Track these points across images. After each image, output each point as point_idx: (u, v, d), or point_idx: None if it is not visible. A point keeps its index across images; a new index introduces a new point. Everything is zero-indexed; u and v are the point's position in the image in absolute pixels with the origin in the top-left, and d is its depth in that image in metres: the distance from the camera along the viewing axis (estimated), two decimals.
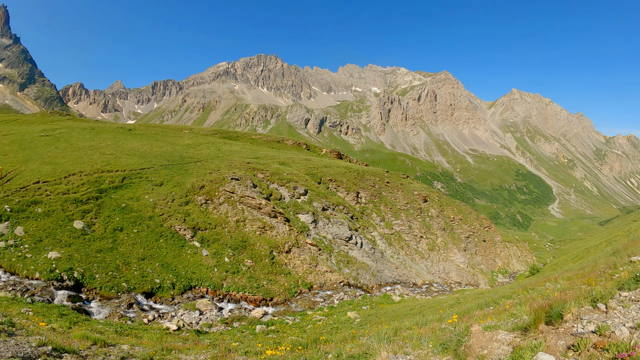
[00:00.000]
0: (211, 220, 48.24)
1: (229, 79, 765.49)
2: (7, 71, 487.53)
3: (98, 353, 13.84)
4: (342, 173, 75.66)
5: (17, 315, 19.82)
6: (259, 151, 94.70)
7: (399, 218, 70.01)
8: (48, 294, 28.82)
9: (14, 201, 41.47)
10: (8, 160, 58.36)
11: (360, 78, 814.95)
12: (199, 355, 15.68)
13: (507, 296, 22.58)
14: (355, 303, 40.06)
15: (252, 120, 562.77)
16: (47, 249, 35.05)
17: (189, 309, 32.66)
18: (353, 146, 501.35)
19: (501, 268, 78.17)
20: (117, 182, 51.89)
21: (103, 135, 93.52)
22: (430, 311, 26.17)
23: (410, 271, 58.02)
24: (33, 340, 13.30)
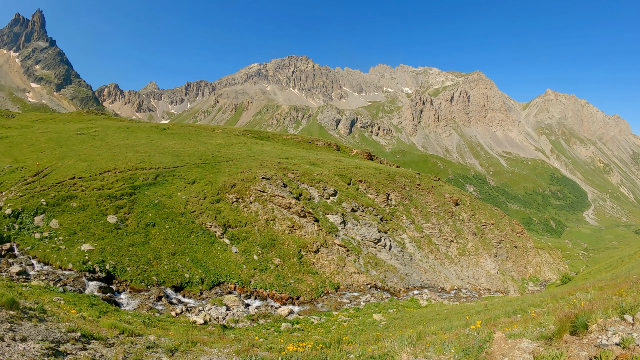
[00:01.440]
0: (241, 218, 48.82)
1: (260, 80, 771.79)
2: (44, 72, 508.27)
3: (125, 341, 14.20)
4: (372, 174, 75.30)
5: (49, 303, 20.52)
6: (290, 151, 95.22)
7: (430, 221, 69.22)
8: (80, 284, 29.90)
9: (49, 195, 43.20)
10: (45, 156, 60.53)
11: (392, 78, 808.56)
12: (222, 348, 15.85)
13: (535, 305, 22.18)
14: (382, 306, 39.80)
15: (283, 120, 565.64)
16: (81, 241, 36.33)
17: (216, 304, 33.10)
18: (384, 147, 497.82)
19: (532, 276, 76.35)
20: (150, 179, 53.23)
21: (137, 134, 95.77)
22: (456, 317, 25.88)
23: (439, 276, 57.29)
24: (63, 327, 13.78)
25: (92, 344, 12.76)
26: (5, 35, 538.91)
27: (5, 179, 50.18)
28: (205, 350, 15.28)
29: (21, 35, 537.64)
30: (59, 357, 10.10)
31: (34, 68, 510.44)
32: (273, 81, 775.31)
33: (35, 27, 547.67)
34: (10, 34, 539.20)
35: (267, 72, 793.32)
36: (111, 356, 11.63)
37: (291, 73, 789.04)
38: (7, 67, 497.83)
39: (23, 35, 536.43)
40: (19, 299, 15.78)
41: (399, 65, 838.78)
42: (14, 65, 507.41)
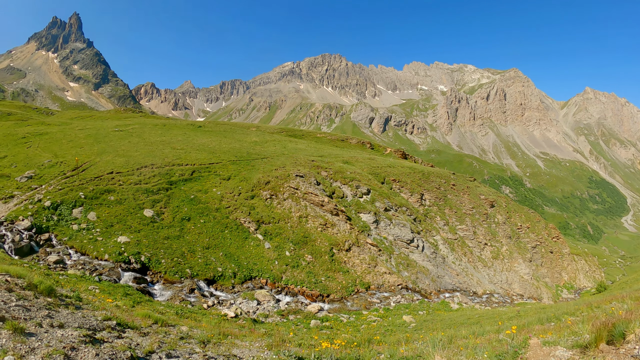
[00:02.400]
0: (275, 215, 49.16)
1: (294, 79, 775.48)
2: (82, 72, 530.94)
3: (158, 331, 14.42)
4: (406, 173, 74.56)
5: (85, 292, 21.16)
6: (323, 149, 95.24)
7: (464, 223, 68.08)
8: (115, 275, 30.90)
9: (88, 189, 44.86)
10: (84, 152, 62.37)
11: (426, 76, 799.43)
12: (254, 342, 15.91)
13: (570, 313, 21.58)
14: (412, 307, 39.35)
15: (317, 119, 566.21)
16: (117, 233, 37.59)
17: (247, 298, 33.37)
18: (418, 146, 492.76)
19: (567, 283, 74.10)
20: (186, 175, 54.28)
21: (174, 131, 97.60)
22: (488, 322, 25.42)
23: (471, 279, 56.28)
24: (99, 315, 14.08)
25: (127, 332, 13.00)
26: (43, 37, 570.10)
27: (45, 172, 52.10)
28: (236, 343, 15.36)
29: (59, 37, 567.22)
30: (96, 344, 10.31)
31: (72, 68, 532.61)
32: (306, 79, 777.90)
33: (72, 29, 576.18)
34: (48, 36, 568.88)
35: (301, 71, 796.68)
36: (146, 345, 11.80)
37: (324, 71, 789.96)
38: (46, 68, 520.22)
39: (61, 37, 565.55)
40: (56, 286, 16.22)
41: (434, 62, 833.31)
42: (53, 65, 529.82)
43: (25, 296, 13.61)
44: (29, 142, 74.72)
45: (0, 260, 21.51)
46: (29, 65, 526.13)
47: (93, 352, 9.60)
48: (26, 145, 72.17)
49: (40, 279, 15.88)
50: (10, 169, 55.33)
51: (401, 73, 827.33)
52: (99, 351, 9.71)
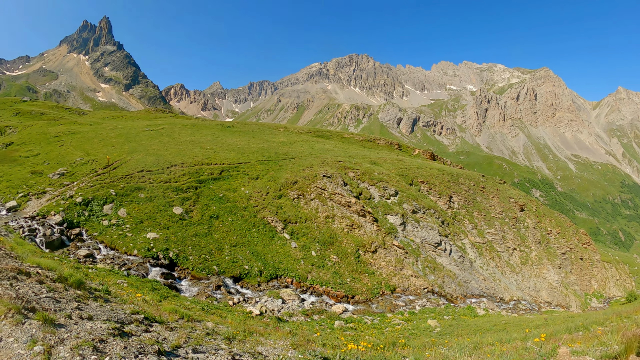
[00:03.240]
0: (302, 215, 49.21)
1: (321, 79, 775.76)
2: (112, 74, 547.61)
3: (185, 326, 14.51)
4: (434, 175, 73.66)
5: (113, 285, 21.52)
6: (351, 150, 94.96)
7: (493, 227, 66.81)
8: (143, 270, 31.58)
9: (119, 186, 46.12)
10: (115, 151, 63.86)
11: (455, 76, 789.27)
12: (278, 340, 15.88)
13: (599, 322, 20.92)
14: (437, 312, 38.78)
15: (344, 119, 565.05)
16: (147, 229, 38.42)
17: (272, 296, 33.52)
18: (447, 147, 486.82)
19: (596, 291, 71.74)
20: (215, 174, 54.96)
21: (203, 131, 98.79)
22: (514, 329, 24.87)
23: (498, 285, 55.16)
24: (127, 308, 14.26)
25: (154, 326, 13.09)
26: (74, 40, 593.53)
27: (77, 170, 53.58)
28: (261, 341, 15.37)
29: (90, 40, 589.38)
30: (124, 337, 10.38)
31: (103, 70, 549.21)
32: (334, 80, 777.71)
33: (102, 32, 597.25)
34: (79, 39, 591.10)
35: (328, 71, 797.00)
36: (173, 339, 11.87)
37: (352, 72, 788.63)
38: (77, 69, 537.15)
39: (91, 40, 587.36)
40: (85, 279, 16.46)
41: (462, 62, 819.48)
42: (84, 67, 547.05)
43: (55, 288, 13.81)
44: (61, 140, 76.75)
45: (31, 253, 21.92)
46: (60, 67, 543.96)
47: (121, 344, 9.65)
48: (59, 143, 74.14)
49: (70, 272, 16.12)
50: (43, 166, 56.93)
51: (429, 73, 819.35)
52: (127, 344, 9.76)
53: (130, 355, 9.21)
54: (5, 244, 21.64)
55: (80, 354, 8.68)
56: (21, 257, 18.56)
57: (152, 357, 9.39)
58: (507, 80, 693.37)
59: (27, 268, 15.52)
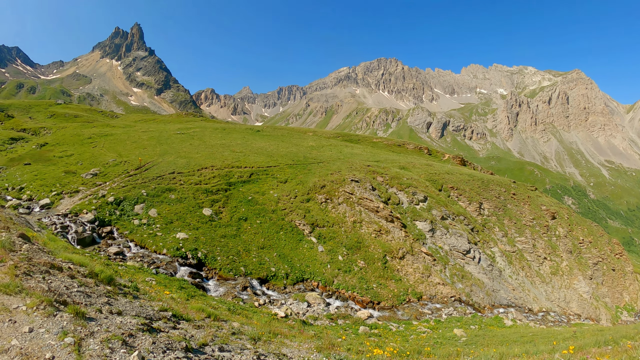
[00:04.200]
0: (329, 219, 49.11)
1: (350, 84, 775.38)
2: (144, 78, 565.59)
3: (211, 325, 14.64)
4: (465, 181, 72.49)
5: (142, 283, 21.97)
6: (379, 154, 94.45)
7: (523, 235, 65.29)
8: (172, 268, 32.17)
9: (150, 187, 47.32)
10: (147, 153, 65.30)
11: (485, 79, 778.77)
12: (303, 343, 15.86)
13: (629, 337, 20.17)
14: (464, 321, 38.07)
15: (373, 123, 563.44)
16: (176, 230, 39.10)
17: (298, 299, 33.49)
18: (477, 152, 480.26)
19: (627, 304, 69.00)
20: (245, 177, 55.57)
21: (233, 135, 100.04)
22: (542, 341, 24.25)
23: (527, 295, 53.77)
24: (155, 305, 14.48)
25: (181, 324, 13.23)
26: (107, 46, 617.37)
27: (110, 170, 55.09)
28: (286, 343, 15.40)
29: (122, 46, 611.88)
30: (153, 333, 10.48)
31: (135, 75, 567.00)
32: (362, 84, 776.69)
33: (134, 38, 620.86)
34: (111, 45, 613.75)
35: (357, 76, 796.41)
36: (200, 337, 11.97)
37: (380, 76, 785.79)
38: (110, 74, 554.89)
39: (123, 46, 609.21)
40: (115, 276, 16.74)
41: (492, 64, 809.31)
42: (117, 72, 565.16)
43: (86, 283, 14.04)
44: (94, 142, 78.76)
45: (63, 249, 22.42)
46: (94, 72, 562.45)
47: (150, 340, 9.72)
48: (92, 145, 76.06)
49: (101, 268, 16.40)
50: (77, 166, 58.50)
51: (459, 76, 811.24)
52: (155, 339, 9.83)
53: (158, 350, 9.28)
54: (38, 239, 22.18)
55: (110, 347, 8.79)
56: (53, 253, 18.96)
57: (179, 354, 9.45)
58: (538, 83, 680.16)
59: (59, 263, 15.84)
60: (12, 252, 16.09)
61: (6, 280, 12.03)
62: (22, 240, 19.18)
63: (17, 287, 11.52)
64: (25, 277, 12.69)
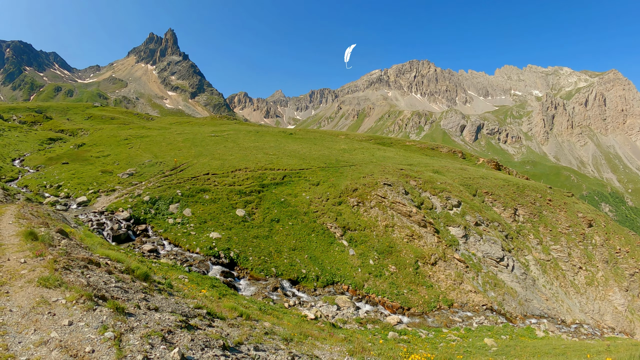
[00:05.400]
0: (361, 222, 48.87)
1: (382, 86, 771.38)
2: (179, 82, 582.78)
3: (244, 324, 14.70)
4: (499, 186, 70.94)
5: (175, 280, 22.34)
6: (412, 158, 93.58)
7: (558, 243, 63.37)
8: (204, 267, 32.70)
9: (185, 187, 48.32)
10: (182, 154, 66.71)
11: (519, 80, 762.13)
12: (334, 346, 15.78)
13: None
14: (495, 330, 37.21)
15: (406, 126, 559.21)
16: (210, 229, 39.74)
17: (328, 302, 33.39)
18: (512, 156, 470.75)
19: None
20: (277, 179, 56.00)
21: (266, 137, 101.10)
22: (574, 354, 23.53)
23: (561, 306, 52.09)
24: (190, 302, 14.63)
25: (216, 322, 13.31)
26: (142, 51, 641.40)
27: (145, 171, 56.55)
28: (317, 345, 15.41)
29: (156, 51, 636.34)
30: (190, 330, 10.53)
31: (170, 79, 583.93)
32: (394, 87, 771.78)
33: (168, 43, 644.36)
34: (146, 50, 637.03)
35: (389, 78, 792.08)
36: (235, 336, 12.04)
37: (412, 78, 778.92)
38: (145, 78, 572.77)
39: (158, 51, 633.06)
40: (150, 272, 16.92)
41: (527, 65, 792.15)
42: (152, 76, 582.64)
43: (123, 279, 14.22)
44: (130, 143, 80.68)
45: (99, 244, 22.96)
46: (129, 76, 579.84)
47: (189, 337, 9.76)
48: (128, 146, 77.89)
49: (137, 265, 16.63)
50: (113, 166, 60.06)
51: (493, 78, 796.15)
52: (193, 337, 9.88)
53: (196, 347, 9.32)
54: (76, 235, 22.68)
55: (150, 342, 8.85)
56: (90, 248, 19.35)
57: (217, 351, 9.47)
58: (574, 85, 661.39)
59: (97, 258, 16.11)
60: (51, 246, 16.45)
61: (46, 273, 12.29)
62: (60, 236, 19.63)
63: (57, 280, 11.73)
64: (65, 272, 12.91)
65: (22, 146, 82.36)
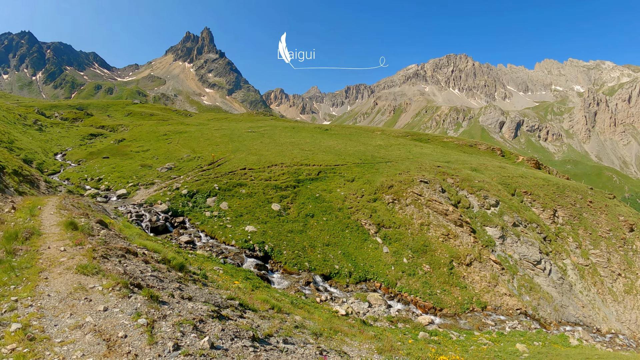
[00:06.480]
0: (396, 220, 48.47)
1: (418, 81, 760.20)
2: (216, 79, 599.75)
3: (275, 317, 14.91)
4: (539, 186, 68.63)
5: (210, 271, 22.79)
6: (450, 155, 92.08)
7: (598, 247, 60.70)
8: (239, 259, 33.31)
9: (222, 182, 49.30)
10: (219, 149, 68.01)
11: (560, 75, 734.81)
12: (363, 343, 15.79)
13: None
14: (528, 336, 36.16)
15: (443, 122, 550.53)
16: (245, 223, 40.45)
17: (359, 299, 33.32)
18: (553, 155, 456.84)
19: None
20: (313, 174, 56.28)
21: (302, 133, 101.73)
22: None
23: (597, 314, 49.87)
24: (223, 293, 14.92)
25: (247, 313, 13.52)
26: (179, 50, 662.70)
27: (184, 165, 57.93)
28: (346, 341, 15.43)
29: (193, 49, 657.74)
30: (222, 320, 10.72)
31: (207, 76, 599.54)
32: (431, 82, 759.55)
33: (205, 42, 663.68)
34: (183, 48, 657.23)
35: (425, 73, 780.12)
36: (266, 328, 12.19)
37: (450, 73, 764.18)
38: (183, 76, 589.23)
39: (194, 49, 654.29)
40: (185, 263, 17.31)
41: (567, 59, 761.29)
42: (189, 74, 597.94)
43: (159, 268, 14.58)
44: (169, 138, 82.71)
45: (137, 235, 23.58)
46: (167, 73, 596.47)
47: (219, 327, 9.93)
48: (167, 141, 79.82)
49: (173, 255, 17.05)
50: (152, 161, 61.72)
51: (532, 72, 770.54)
52: (224, 327, 10.04)
53: (226, 337, 9.47)
54: (115, 225, 23.36)
55: (182, 330, 9.07)
56: (129, 238, 19.89)
57: (246, 342, 9.59)
58: (617, 80, 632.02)
59: (134, 248, 16.56)
60: (91, 236, 17.00)
61: (84, 261, 12.77)
62: (99, 226, 20.25)
63: (95, 268, 12.15)
64: (103, 260, 13.34)
65: (63, 141, 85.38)
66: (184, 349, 8.35)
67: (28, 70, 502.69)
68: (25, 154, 58.28)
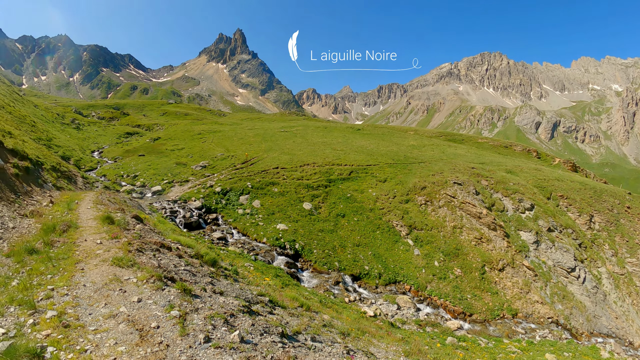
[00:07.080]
0: (428, 222, 48.01)
1: (452, 80, 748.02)
2: (249, 80, 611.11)
3: (304, 315, 15.06)
4: (576, 189, 66.58)
5: (241, 267, 23.28)
6: (485, 156, 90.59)
7: (635, 256, 58.19)
8: (269, 257, 33.53)
9: (255, 180, 49.99)
10: (253, 149, 69.06)
11: (598, 73, 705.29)
12: (390, 345, 15.78)
13: None
14: (558, 346, 35.11)
15: (477, 122, 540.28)
16: (277, 221, 40.84)
17: (388, 300, 33.14)
18: (590, 157, 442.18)
19: None
20: (344, 174, 56.39)
21: (334, 133, 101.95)
22: None
23: (630, 326, 47.72)
24: (254, 289, 15.22)
25: (277, 310, 13.68)
26: (212, 51, 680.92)
27: (218, 164, 59.10)
28: (373, 342, 15.47)
29: (226, 50, 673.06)
30: (252, 315, 10.90)
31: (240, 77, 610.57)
32: (465, 80, 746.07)
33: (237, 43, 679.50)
34: (216, 50, 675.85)
35: (459, 72, 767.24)
36: (294, 325, 12.32)
37: (484, 71, 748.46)
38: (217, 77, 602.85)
39: (227, 50, 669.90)
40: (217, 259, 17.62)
41: (605, 57, 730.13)
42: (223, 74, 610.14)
43: (192, 263, 14.90)
44: (203, 137, 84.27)
45: (171, 230, 24.20)
46: (201, 74, 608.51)
47: (249, 321, 10.08)
48: (201, 140, 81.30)
49: (206, 251, 17.39)
50: (187, 159, 62.99)
51: (569, 70, 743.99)
52: (254, 322, 10.19)
53: (256, 332, 9.62)
54: (149, 220, 23.95)
55: (213, 324, 9.26)
56: (163, 233, 20.37)
57: (275, 338, 9.71)
58: None
59: (168, 243, 16.94)
60: (126, 230, 17.48)
61: (120, 254, 13.20)
62: (135, 221, 20.77)
63: (130, 261, 12.52)
64: (138, 253, 13.72)
65: (100, 139, 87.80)
66: (214, 341, 8.52)
67: (65, 71, 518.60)
68: (63, 151, 60.00)
